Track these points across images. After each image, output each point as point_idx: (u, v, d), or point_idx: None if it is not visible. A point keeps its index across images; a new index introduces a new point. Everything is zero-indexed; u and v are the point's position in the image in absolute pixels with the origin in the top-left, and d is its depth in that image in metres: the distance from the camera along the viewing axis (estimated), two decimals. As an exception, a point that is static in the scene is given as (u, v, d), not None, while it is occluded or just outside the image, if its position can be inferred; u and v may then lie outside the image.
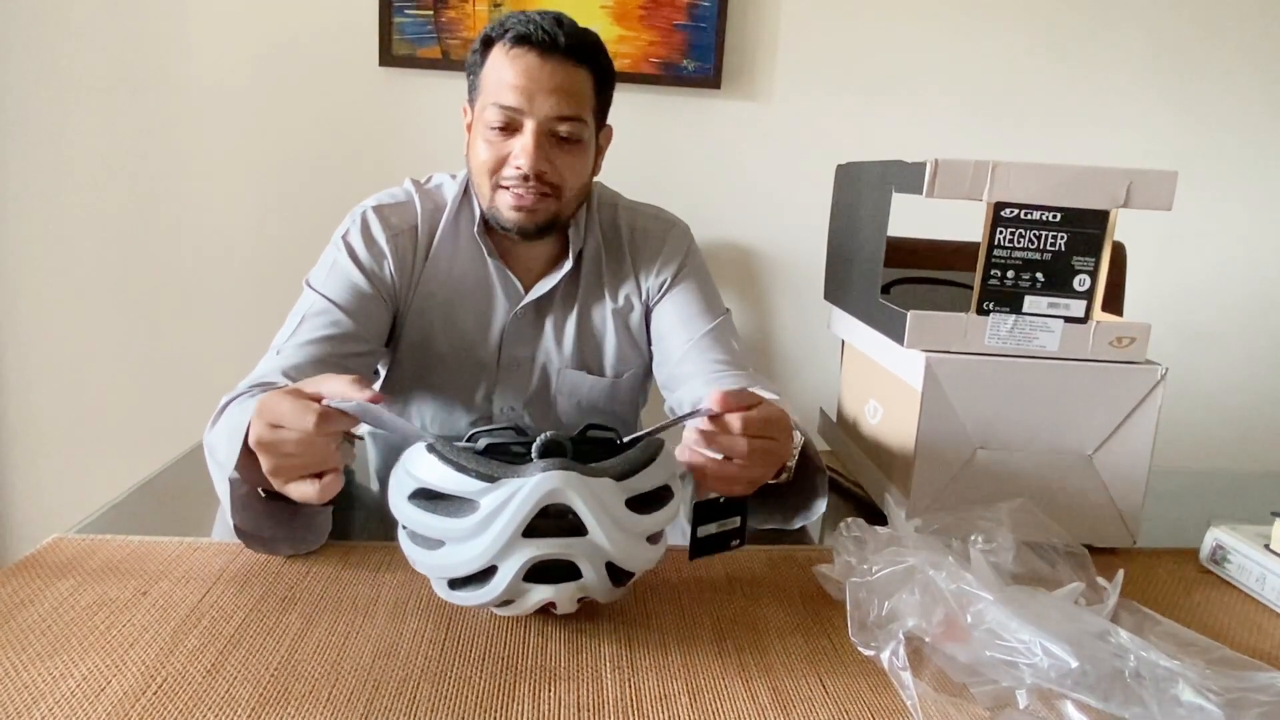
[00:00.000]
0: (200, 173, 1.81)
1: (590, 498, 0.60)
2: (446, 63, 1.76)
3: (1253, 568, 0.84)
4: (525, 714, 0.59)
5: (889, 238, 0.96)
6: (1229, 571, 0.86)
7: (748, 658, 0.67)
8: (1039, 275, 0.87)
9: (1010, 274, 0.87)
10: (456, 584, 0.65)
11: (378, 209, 1.12)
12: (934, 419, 0.88)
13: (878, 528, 0.76)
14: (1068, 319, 0.88)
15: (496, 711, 0.59)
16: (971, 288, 0.87)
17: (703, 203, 1.87)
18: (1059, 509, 0.83)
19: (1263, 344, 2.07)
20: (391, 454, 1.12)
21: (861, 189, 1.05)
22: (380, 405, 0.67)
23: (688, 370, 1.13)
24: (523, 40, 1.00)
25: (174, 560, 0.78)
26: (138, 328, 1.87)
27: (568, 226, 1.12)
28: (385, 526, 0.70)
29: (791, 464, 0.87)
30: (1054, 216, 0.85)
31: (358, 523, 0.89)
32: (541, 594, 0.63)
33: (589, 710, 0.60)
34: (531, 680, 0.63)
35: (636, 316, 1.19)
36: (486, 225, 1.12)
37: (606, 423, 0.69)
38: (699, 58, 1.80)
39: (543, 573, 0.62)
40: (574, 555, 0.62)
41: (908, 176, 0.89)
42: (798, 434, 0.89)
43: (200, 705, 0.58)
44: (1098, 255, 0.87)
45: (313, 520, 0.82)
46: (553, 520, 0.60)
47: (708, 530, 0.78)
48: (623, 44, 1.77)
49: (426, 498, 0.64)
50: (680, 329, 1.15)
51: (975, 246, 0.86)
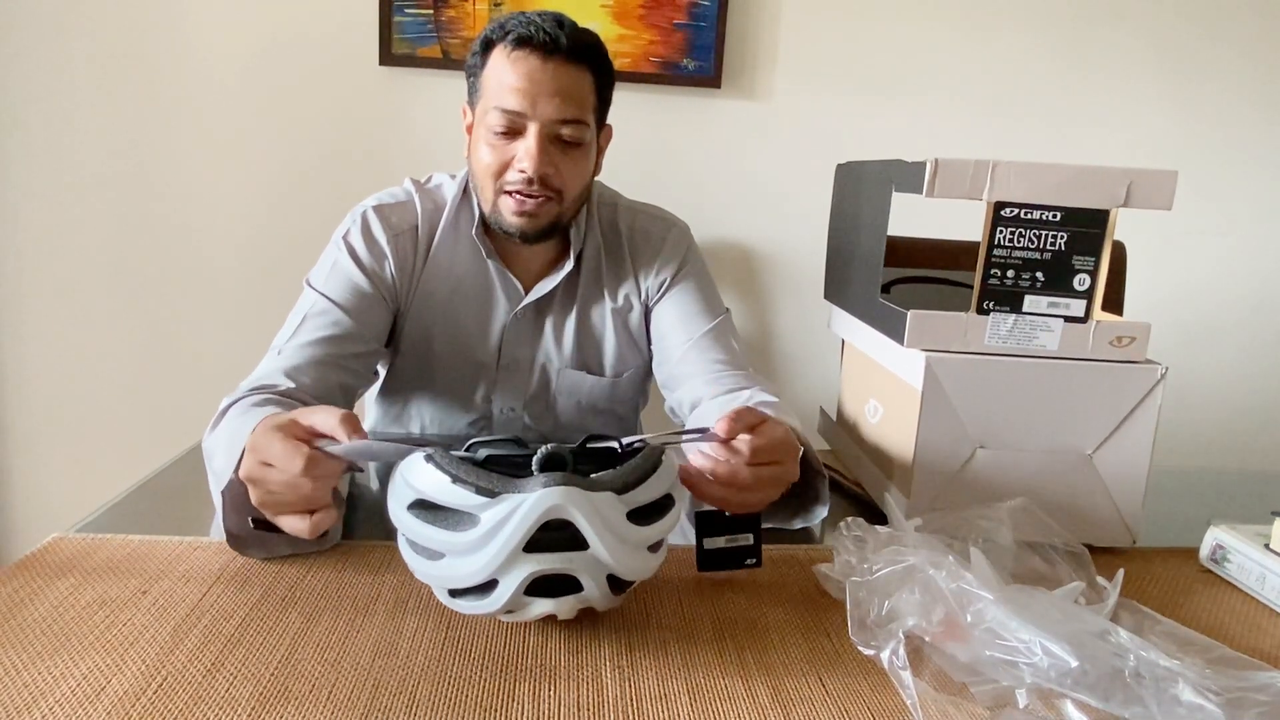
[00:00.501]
0: (200, 172, 1.81)
1: (591, 513, 0.60)
2: (446, 62, 1.76)
3: (1253, 567, 0.84)
4: (525, 713, 0.59)
5: (889, 237, 0.96)
6: (1229, 571, 0.86)
7: (748, 657, 0.67)
8: (1039, 275, 0.87)
9: (1010, 273, 0.87)
10: (457, 593, 0.65)
11: (378, 209, 1.11)
12: (934, 418, 0.88)
13: (878, 527, 0.76)
14: (1068, 318, 0.88)
15: (496, 711, 0.59)
16: (971, 287, 0.87)
17: (703, 202, 1.87)
18: (1059, 508, 0.83)
19: (1263, 343, 2.07)
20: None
21: (861, 188, 1.05)
22: (366, 442, 0.67)
23: (687, 370, 1.13)
24: (524, 42, 0.99)
25: (174, 559, 0.78)
26: (137, 327, 1.87)
27: (569, 228, 1.12)
28: (385, 526, 0.70)
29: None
30: (1054, 216, 0.85)
31: (358, 522, 0.89)
32: (542, 607, 0.63)
33: (589, 710, 0.60)
34: (531, 680, 0.63)
35: (636, 316, 1.19)
36: (486, 226, 1.12)
37: (607, 423, 0.69)
38: (699, 57, 1.80)
39: (544, 586, 0.62)
40: (575, 569, 0.61)
41: (908, 176, 0.89)
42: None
43: (200, 704, 0.58)
44: (1098, 255, 0.87)
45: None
46: (554, 534, 0.60)
47: (715, 543, 0.77)
48: (623, 43, 1.77)
49: (426, 508, 0.63)
50: (680, 328, 1.15)
51: (975, 246, 0.86)
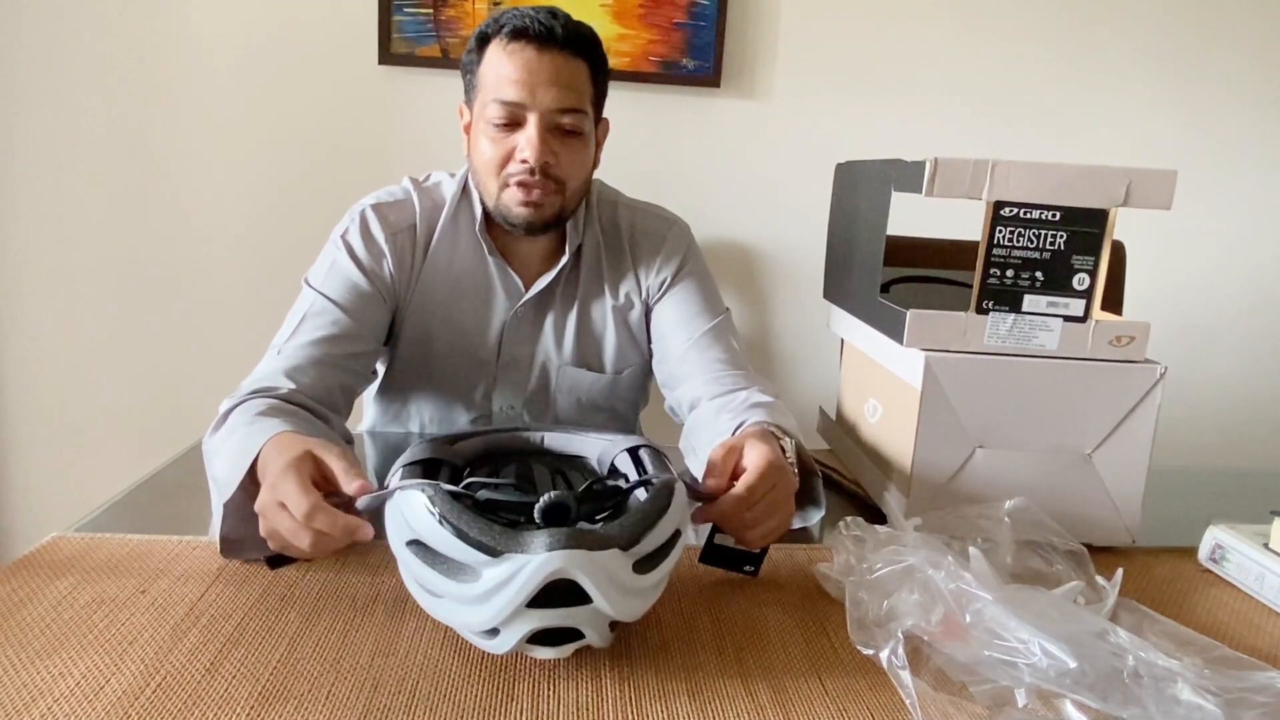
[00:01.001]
0: (199, 171, 1.81)
1: (596, 572, 0.58)
2: (446, 61, 1.76)
3: (1252, 567, 0.84)
4: (524, 713, 0.59)
5: (888, 236, 0.96)
6: (1228, 570, 0.86)
7: (747, 656, 0.67)
8: (1038, 274, 0.87)
9: (1010, 273, 0.87)
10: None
11: (376, 207, 1.11)
12: (933, 418, 0.88)
13: (877, 527, 0.76)
14: (1067, 318, 0.88)
15: (495, 710, 0.59)
16: (971, 287, 0.87)
17: (702, 201, 1.87)
18: (1058, 508, 0.83)
19: (1262, 343, 2.07)
20: (390, 452, 1.12)
21: (861, 188, 1.05)
22: (373, 495, 0.67)
23: (687, 369, 1.13)
24: (520, 34, 1.00)
25: (173, 559, 0.78)
26: (135, 326, 1.86)
27: (568, 222, 1.12)
28: (384, 525, 0.70)
29: (792, 465, 0.87)
30: (1053, 215, 0.85)
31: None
32: (544, 654, 0.62)
33: (588, 709, 0.60)
34: (531, 679, 0.63)
35: (636, 314, 1.19)
36: (488, 223, 1.12)
37: (607, 421, 0.68)
38: (698, 56, 1.79)
39: (546, 635, 0.61)
40: (578, 622, 0.60)
41: (907, 175, 0.89)
42: (788, 441, 0.88)
43: (199, 704, 0.58)
44: (1097, 254, 0.87)
45: None
46: (556, 591, 0.58)
47: (725, 540, 0.78)
48: (622, 42, 1.77)
49: (425, 548, 0.62)
50: (680, 327, 1.15)
51: (975, 245, 0.86)
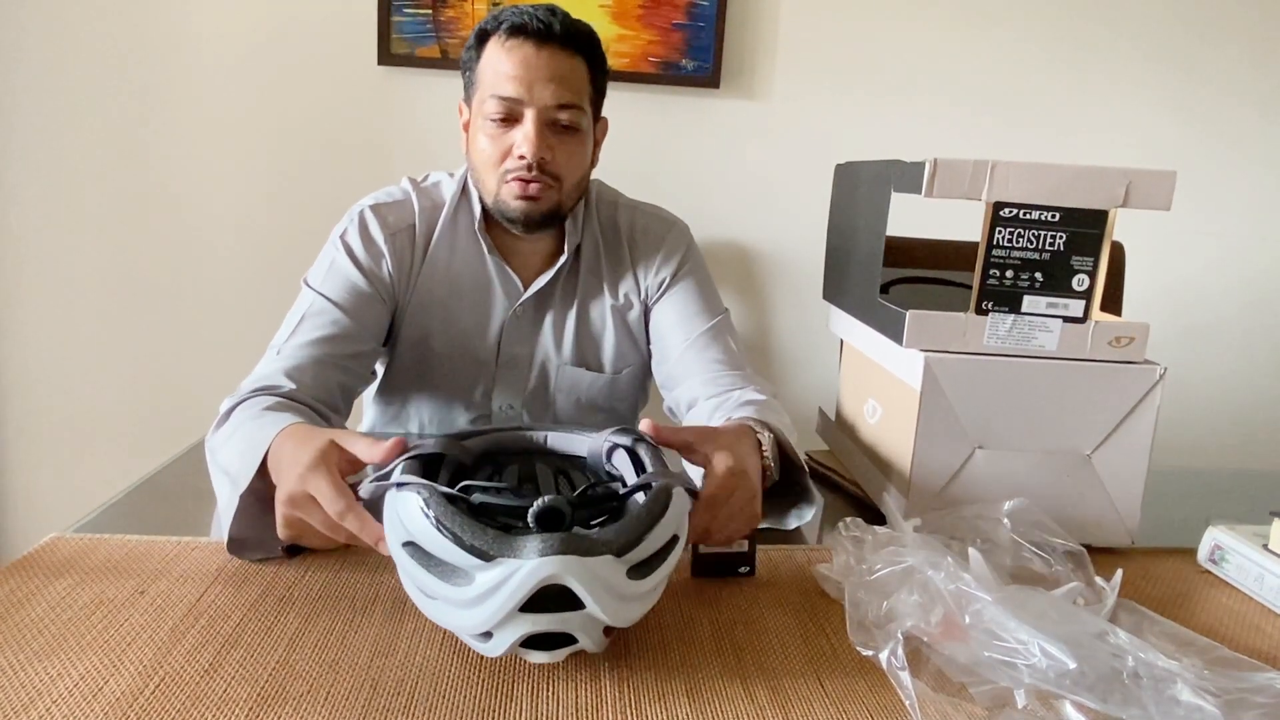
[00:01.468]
0: (199, 171, 1.81)
1: (589, 578, 0.58)
2: (445, 62, 1.76)
3: (1251, 568, 0.84)
4: (524, 714, 0.59)
5: (888, 237, 0.96)
6: (1227, 571, 0.86)
7: (746, 658, 0.67)
8: (1038, 275, 0.87)
9: (1009, 274, 0.87)
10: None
11: (375, 208, 1.11)
12: (933, 419, 0.88)
13: (876, 527, 0.76)
14: (1066, 319, 0.88)
15: (495, 711, 0.59)
16: (970, 287, 0.87)
17: (701, 202, 1.87)
18: (1057, 509, 0.83)
19: (1261, 343, 2.07)
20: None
21: (860, 188, 1.05)
22: (371, 484, 0.68)
23: (685, 369, 1.13)
24: (518, 31, 1.01)
25: (171, 559, 0.78)
26: (135, 326, 1.86)
27: (566, 220, 1.12)
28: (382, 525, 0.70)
29: (769, 460, 0.86)
30: (1053, 216, 0.85)
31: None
32: (537, 658, 0.62)
33: (587, 710, 0.60)
34: (530, 679, 0.63)
35: (635, 314, 1.19)
36: (487, 222, 1.12)
37: (606, 421, 0.68)
38: (698, 57, 1.80)
39: (540, 639, 0.60)
40: (571, 628, 0.60)
41: (907, 176, 0.89)
42: (766, 435, 0.88)
43: (198, 704, 0.57)
44: (1096, 255, 0.87)
45: None
46: (550, 596, 0.58)
47: (711, 549, 0.77)
48: (622, 43, 1.77)
49: (419, 549, 0.62)
50: (679, 327, 1.16)
51: (974, 246, 0.86)
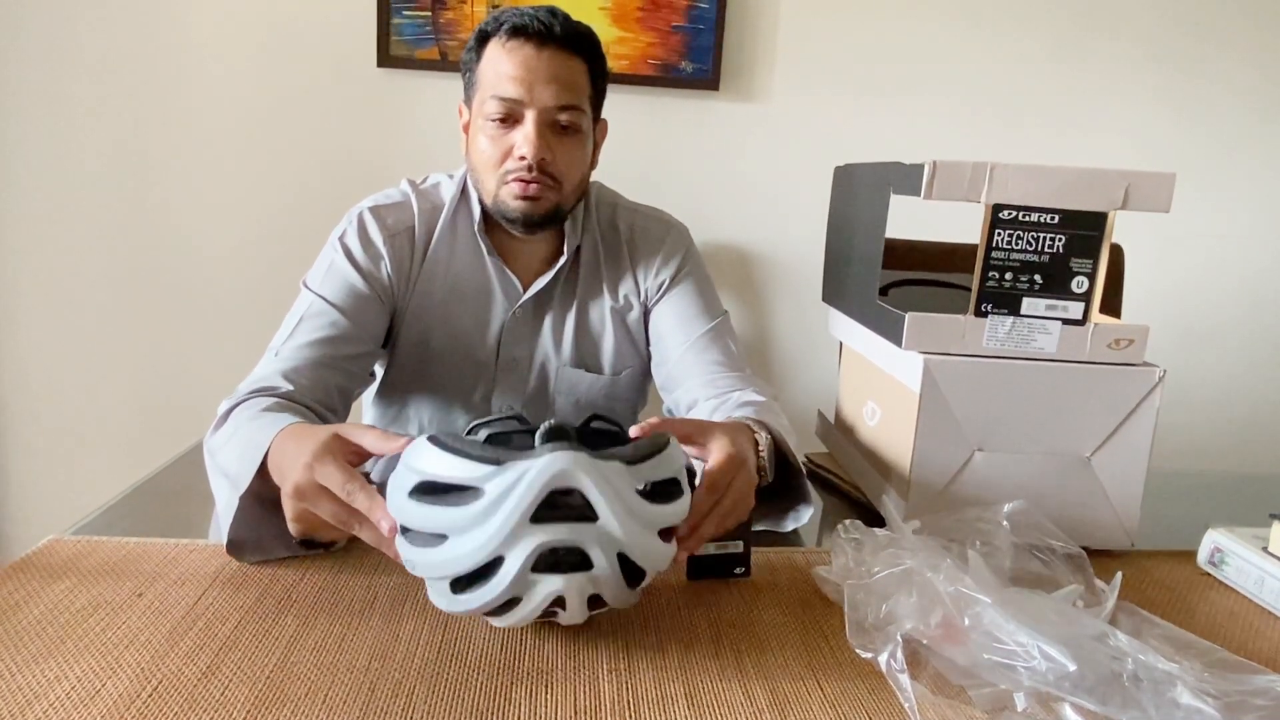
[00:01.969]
0: (198, 173, 1.81)
1: (601, 480, 0.57)
2: (445, 64, 1.76)
3: (1251, 570, 0.84)
4: (522, 716, 0.59)
5: (887, 239, 0.96)
6: (1227, 574, 0.86)
7: (745, 660, 0.67)
8: (1037, 277, 0.87)
9: (1008, 276, 0.87)
10: (459, 585, 0.61)
11: (374, 210, 1.11)
12: (932, 421, 0.88)
13: (876, 530, 0.76)
14: (1066, 321, 0.88)
15: (493, 714, 0.59)
16: (970, 289, 0.87)
17: (701, 204, 1.87)
18: (1057, 511, 0.83)
19: (1261, 346, 2.07)
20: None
21: (859, 191, 1.05)
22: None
23: (685, 371, 1.13)
24: (519, 32, 1.01)
25: (170, 562, 0.78)
26: (134, 328, 1.86)
27: (566, 221, 1.12)
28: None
29: (764, 461, 0.86)
30: (1052, 218, 0.85)
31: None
32: (550, 585, 0.59)
33: (586, 713, 0.59)
34: (528, 683, 0.62)
35: (635, 316, 1.19)
36: (487, 224, 1.12)
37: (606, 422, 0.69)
38: (697, 59, 1.80)
39: (552, 564, 0.59)
40: (584, 542, 0.58)
41: (906, 178, 0.89)
42: (764, 435, 0.87)
43: (196, 707, 0.57)
44: (1096, 257, 0.87)
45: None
46: (561, 509, 0.57)
47: (705, 550, 0.77)
48: (621, 45, 1.77)
49: (429, 491, 0.61)
50: (678, 329, 1.15)
51: (973, 248, 0.86)
